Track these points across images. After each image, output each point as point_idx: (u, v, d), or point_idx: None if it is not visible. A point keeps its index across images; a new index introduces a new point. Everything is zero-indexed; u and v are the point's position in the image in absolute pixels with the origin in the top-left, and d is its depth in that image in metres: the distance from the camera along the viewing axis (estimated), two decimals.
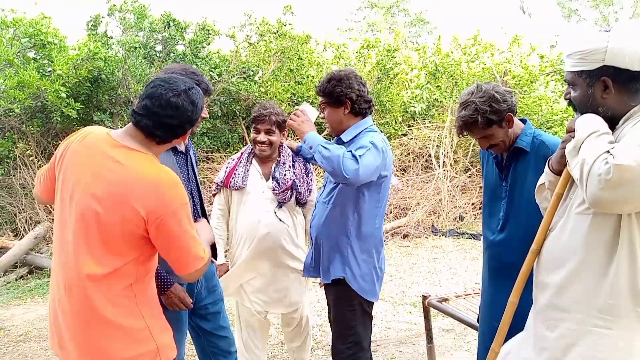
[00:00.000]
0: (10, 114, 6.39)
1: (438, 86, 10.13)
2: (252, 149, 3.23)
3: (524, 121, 2.44)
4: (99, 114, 6.92)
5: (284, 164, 3.18)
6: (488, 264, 2.54)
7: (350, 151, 2.43)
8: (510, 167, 2.43)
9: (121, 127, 1.96)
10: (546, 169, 1.94)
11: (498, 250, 2.44)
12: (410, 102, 10.11)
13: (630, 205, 1.49)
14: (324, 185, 2.80)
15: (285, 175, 3.13)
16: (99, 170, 1.76)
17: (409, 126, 9.84)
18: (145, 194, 1.72)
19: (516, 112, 2.39)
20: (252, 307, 3.21)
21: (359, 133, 2.64)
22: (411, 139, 9.50)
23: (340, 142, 2.67)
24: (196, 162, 2.71)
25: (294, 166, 3.21)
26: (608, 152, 1.51)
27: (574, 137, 1.69)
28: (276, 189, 3.10)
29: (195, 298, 2.73)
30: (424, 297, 3.39)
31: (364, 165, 2.40)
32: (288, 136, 2.82)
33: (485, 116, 2.26)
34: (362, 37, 12.59)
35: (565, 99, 1.86)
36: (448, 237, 7.76)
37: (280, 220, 3.13)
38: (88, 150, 1.82)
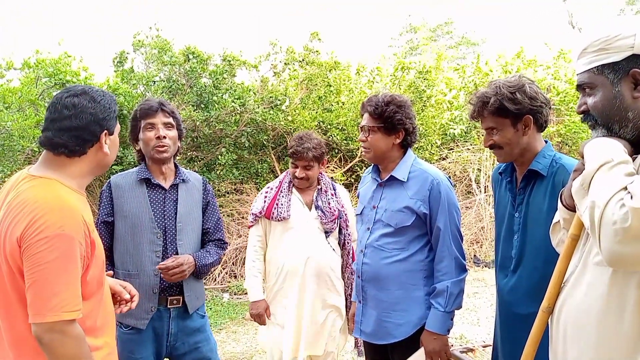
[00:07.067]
0: (35, 154, 6.40)
1: None
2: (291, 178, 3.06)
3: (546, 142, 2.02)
4: (122, 149, 6.81)
5: (325, 191, 3.02)
6: (499, 313, 2.07)
7: None
8: (524, 194, 1.98)
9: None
10: (559, 203, 1.49)
11: (509, 299, 1.97)
12: (450, 124, 9.59)
13: None
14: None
15: (329, 203, 2.98)
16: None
17: (450, 149, 9.32)
18: (21, 219, 1.45)
19: (542, 124, 1.97)
20: (288, 352, 2.86)
21: (415, 170, 2.36)
22: (450, 162, 8.97)
23: (391, 179, 2.38)
24: (204, 199, 2.53)
25: (336, 194, 3.05)
26: (626, 189, 1.09)
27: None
28: (323, 218, 2.92)
29: (169, 351, 2.38)
30: None
31: None
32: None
33: (501, 100, 1.88)
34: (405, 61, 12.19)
35: (580, 113, 1.42)
36: (491, 268, 7.10)
37: (334, 249, 2.97)
38: (1, 195, 1.63)
